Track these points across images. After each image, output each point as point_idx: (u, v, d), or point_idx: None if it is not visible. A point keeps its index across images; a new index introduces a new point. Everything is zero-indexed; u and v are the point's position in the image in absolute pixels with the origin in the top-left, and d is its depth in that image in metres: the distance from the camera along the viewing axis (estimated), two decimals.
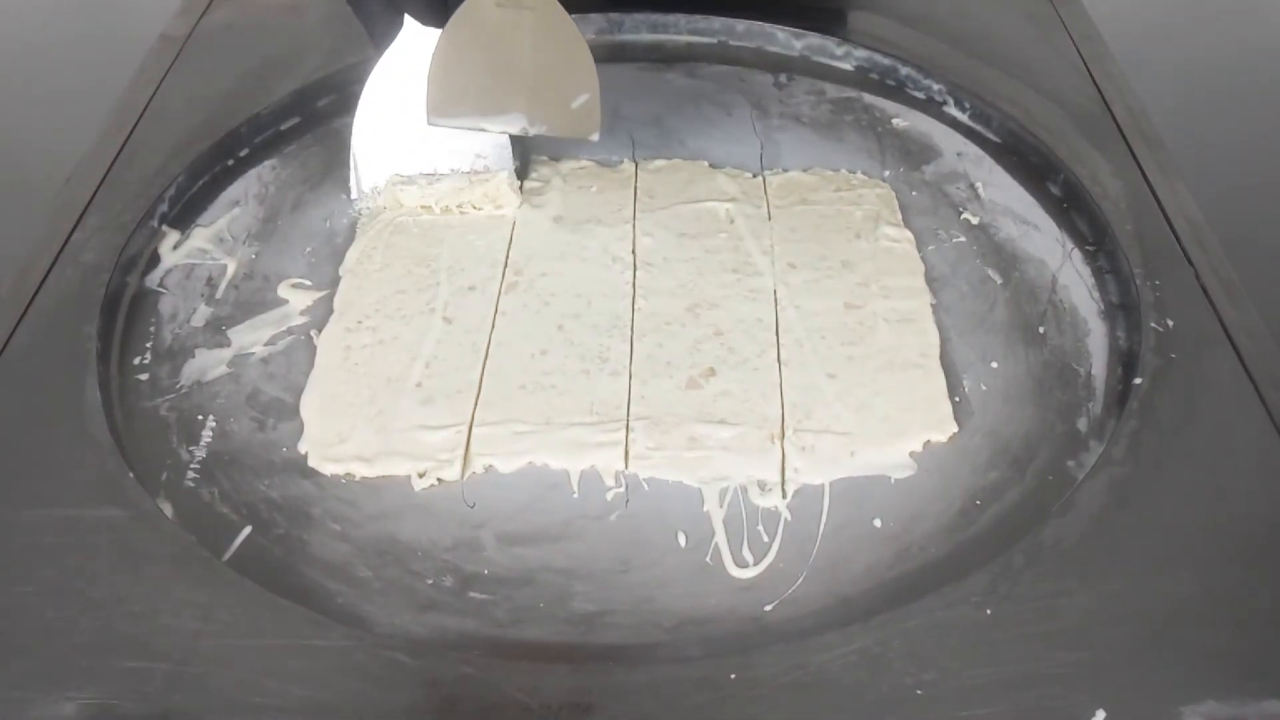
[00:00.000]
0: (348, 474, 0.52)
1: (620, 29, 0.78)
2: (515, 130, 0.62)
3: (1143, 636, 0.44)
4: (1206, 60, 0.96)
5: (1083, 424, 0.54)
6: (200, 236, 0.63)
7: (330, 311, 0.59)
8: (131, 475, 0.49)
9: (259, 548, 0.49)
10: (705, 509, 0.50)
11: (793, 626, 0.46)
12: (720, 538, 0.49)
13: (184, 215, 0.64)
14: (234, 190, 0.66)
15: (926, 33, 0.76)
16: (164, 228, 0.63)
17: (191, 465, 0.52)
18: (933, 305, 0.59)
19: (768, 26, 0.77)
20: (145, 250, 0.62)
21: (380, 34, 0.62)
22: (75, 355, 0.54)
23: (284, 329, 0.59)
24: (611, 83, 0.73)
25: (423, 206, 0.64)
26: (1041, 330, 0.58)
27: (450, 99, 0.61)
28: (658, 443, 0.52)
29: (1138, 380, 0.53)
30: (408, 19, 0.61)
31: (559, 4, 0.59)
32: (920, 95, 0.73)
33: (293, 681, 0.42)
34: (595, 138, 0.61)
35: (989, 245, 0.63)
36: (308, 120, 0.71)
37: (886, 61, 0.74)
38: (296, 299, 0.60)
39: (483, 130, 0.62)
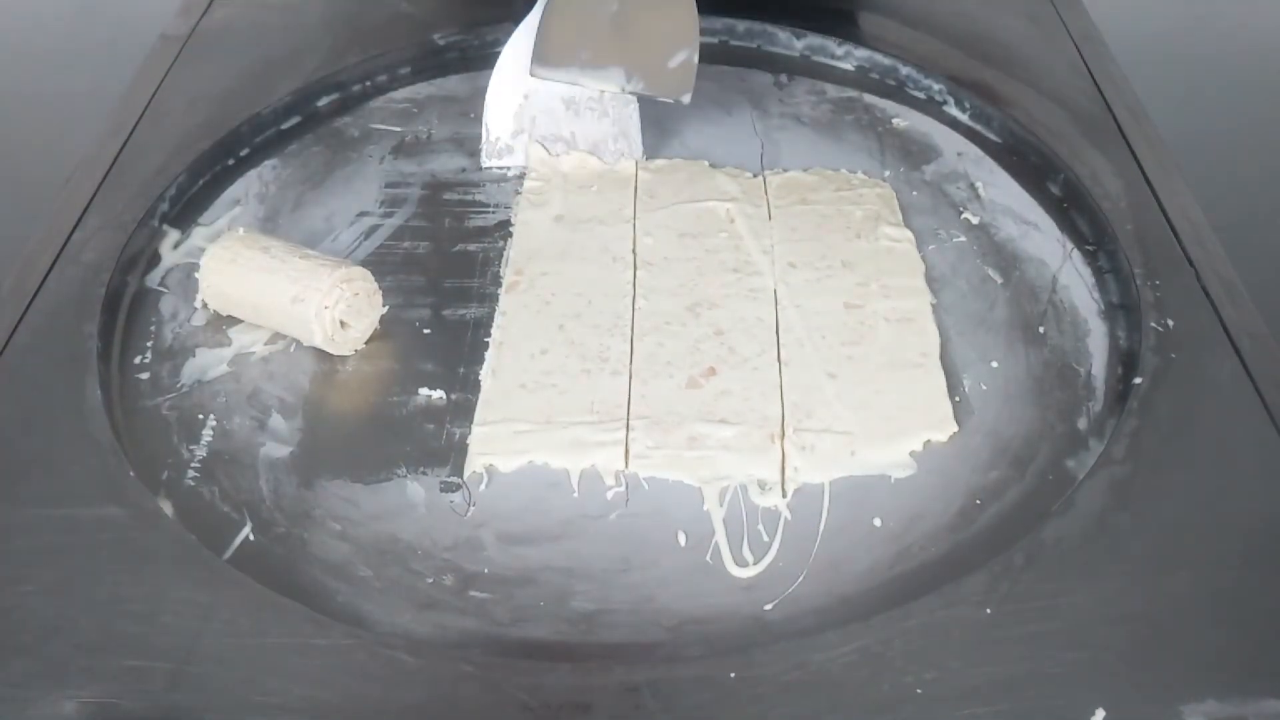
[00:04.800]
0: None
1: None
2: (612, 87, 0.63)
3: (1142, 635, 0.44)
4: (1206, 60, 0.96)
5: (1083, 423, 0.54)
6: (201, 236, 0.63)
7: None
8: (132, 474, 0.50)
9: (259, 547, 0.49)
10: (705, 508, 0.50)
11: (793, 626, 0.46)
12: (720, 537, 0.49)
13: (184, 214, 0.64)
14: (235, 190, 0.66)
15: (927, 33, 0.76)
16: (164, 227, 0.63)
17: (192, 464, 0.52)
18: (933, 305, 0.59)
19: (768, 26, 0.77)
20: (146, 249, 0.62)
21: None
22: (76, 354, 0.54)
23: None
24: None
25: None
26: (1041, 330, 0.58)
27: (554, 52, 0.62)
28: (658, 442, 0.52)
29: (1138, 380, 0.53)
30: None
31: None
32: (920, 95, 0.73)
33: (293, 680, 0.42)
34: (686, 100, 0.61)
35: (989, 245, 0.63)
36: (308, 120, 0.71)
37: (887, 61, 0.75)
38: None
39: (581, 85, 0.63)
